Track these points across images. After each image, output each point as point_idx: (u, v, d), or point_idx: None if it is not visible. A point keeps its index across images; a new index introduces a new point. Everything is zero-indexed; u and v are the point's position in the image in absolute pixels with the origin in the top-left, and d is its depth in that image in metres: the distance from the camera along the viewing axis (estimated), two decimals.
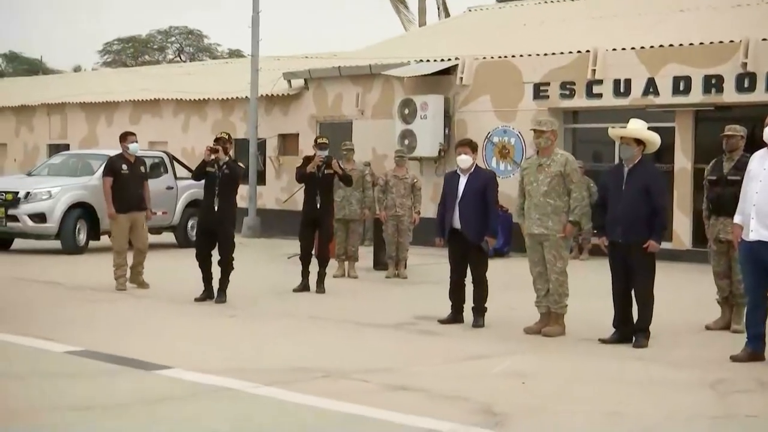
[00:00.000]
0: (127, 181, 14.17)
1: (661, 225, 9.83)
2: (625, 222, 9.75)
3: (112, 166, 14.32)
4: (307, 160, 14.51)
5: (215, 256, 12.80)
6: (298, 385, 7.60)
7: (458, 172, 11.28)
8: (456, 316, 11.17)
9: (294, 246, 18.96)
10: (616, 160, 20.21)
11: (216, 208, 12.76)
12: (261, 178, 26.44)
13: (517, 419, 6.68)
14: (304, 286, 14.05)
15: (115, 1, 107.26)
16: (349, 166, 16.54)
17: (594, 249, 18.49)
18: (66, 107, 32.45)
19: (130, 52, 72.78)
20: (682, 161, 19.42)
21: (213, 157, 12.73)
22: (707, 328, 10.98)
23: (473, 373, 8.37)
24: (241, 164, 13.44)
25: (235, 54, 69.56)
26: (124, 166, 14.22)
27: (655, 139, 10.12)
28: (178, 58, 70.97)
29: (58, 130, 32.66)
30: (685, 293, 13.64)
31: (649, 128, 10.36)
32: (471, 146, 11.38)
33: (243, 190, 24.92)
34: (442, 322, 11.12)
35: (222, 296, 12.71)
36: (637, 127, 10.11)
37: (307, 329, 10.81)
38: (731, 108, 19.13)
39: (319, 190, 14.26)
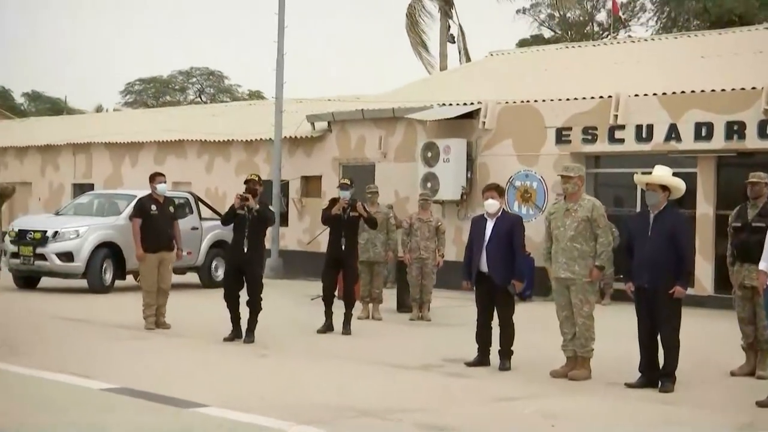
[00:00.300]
0: (156, 221, 14.41)
1: (687, 270, 9.98)
2: (652, 267, 9.91)
3: (141, 207, 14.59)
4: (333, 202, 14.72)
5: (242, 296, 12.98)
6: (333, 423, 7.78)
7: (485, 216, 11.47)
8: (482, 359, 11.32)
9: (317, 287, 19.17)
10: (638, 205, 20.63)
11: (245, 250, 12.96)
12: (284, 220, 26.68)
13: None
14: (328, 327, 14.20)
15: (136, 41, 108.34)
16: (373, 208, 16.75)
17: (616, 294, 18.67)
18: (91, 147, 32.81)
19: (151, 92, 73.49)
20: (704, 207, 19.55)
21: (243, 204, 12.96)
22: (732, 374, 11.08)
23: (504, 415, 8.55)
24: (271, 207, 13.61)
25: (255, 95, 70.20)
26: (153, 207, 14.47)
27: (680, 185, 10.30)
28: (199, 99, 71.68)
29: (83, 169, 33.01)
30: (708, 339, 13.75)
31: (678, 176, 10.53)
32: (498, 191, 11.59)
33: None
34: (469, 364, 11.27)
35: (250, 336, 12.88)
36: (662, 173, 10.29)
37: (337, 369, 10.99)
38: (753, 154, 19.28)
39: (344, 231, 14.43)
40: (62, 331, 13.54)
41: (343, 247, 14.39)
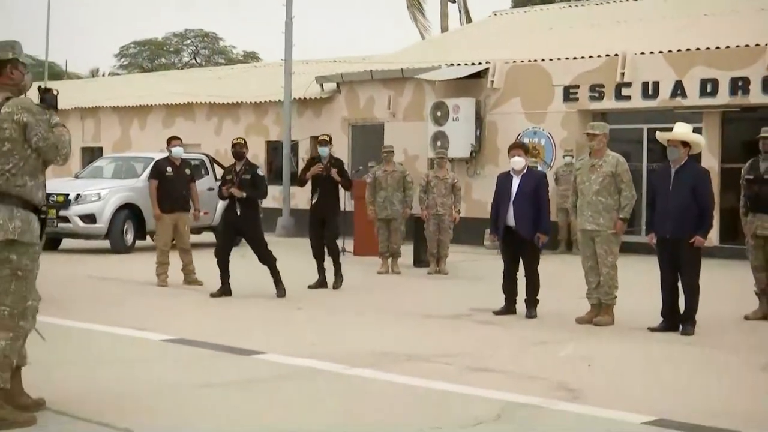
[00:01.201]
0: (172, 182, 14.90)
1: (708, 221, 10.55)
2: (674, 219, 10.47)
3: (157, 169, 15.11)
4: (311, 161, 14.89)
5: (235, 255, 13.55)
6: (386, 366, 8.35)
7: (511, 173, 12.01)
8: (509, 308, 11.91)
9: None
10: (644, 160, 21.21)
11: (238, 212, 13.36)
12: (295, 179, 27.11)
13: (592, 393, 7.42)
14: (321, 282, 14.44)
15: (128, 3, 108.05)
16: (389, 168, 17.36)
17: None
18: (99, 111, 33.20)
19: (146, 55, 73.43)
20: (710, 161, 20.08)
21: (229, 195, 13.45)
22: (746, 318, 11.69)
23: (542, 357, 9.14)
24: (260, 172, 13.84)
25: (250, 56, 70.40)
26: (169, 169, 14.97)
27: (700, 141, 10.89)
28: (194, 61, 71.82)
29: (92, 133, 33.41)
30: (720, 286, 14.33)
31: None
32: (524, 148, 12.14)
33: (276, 191, 25.81)
34: (497, 313, 11.85)
35: (281, 290, 13.33)
36: (683, 130, 10.82)
37: (373, 320, 11.57)
38: (757, 109, 19.86)
39: (325, 188, 14.60)
40: (100, 289, 14.07)
41: (324, 204, 14.57)
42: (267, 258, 13.47)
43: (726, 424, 6.52)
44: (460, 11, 38.10)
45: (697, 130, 20.24)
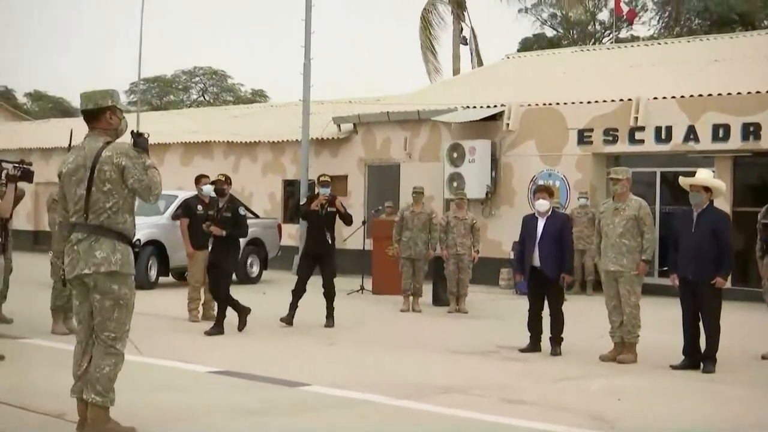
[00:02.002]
0: (199, 219, 15.36)
1: (729, 263, 11.04)
2: (696, 261, 10.97)
3: (188, 207, 15.59)
4: (311, 198, 15.22)
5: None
6: (425, 398, 8.82)
7: (536, 215, 12.52)
8: (534, 346, 12.38)
9: (344, 282, 20.44)
10: (657, 203, 21.70)
11: (216, 250, 13.81)
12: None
13: (625, 424, 7.89)
14: (289, 319, 14.49)
15: (137, 41, 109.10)
16: (417, 208, 17.87)
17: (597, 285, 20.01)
18: None
19: (155, 92, 74.18)
20: (722, 204, 20.26)
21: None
22: (763, 357, 12.15)
23: (572, 391, 9.60)
24: (241, 210, 14.19)
25: (258, 94, 71.22)
26: (199, 207, 15.44)
27: (721, 187, 11.40)
28: (203, 98, 72.58)
29: None
30: (735, 327, 14.75)
31: (694, 174, 11.56)
32: (548, 192, 12.66)
33: (293, 229, 26.34)
34: (523, 350, 12.31)
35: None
36: (705, 176, 11.35)
37: (404, 355, 12.01)
38: None
39: (323, 227, 14.88)
40: (136, 323, 14.42)
41: (322, 242, 14.82)
42: (229, 298, 13.71)
43: None
44: (471, 53, 38.78)
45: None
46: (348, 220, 15.29)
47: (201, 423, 7.57)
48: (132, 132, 7.06)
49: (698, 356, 11.11)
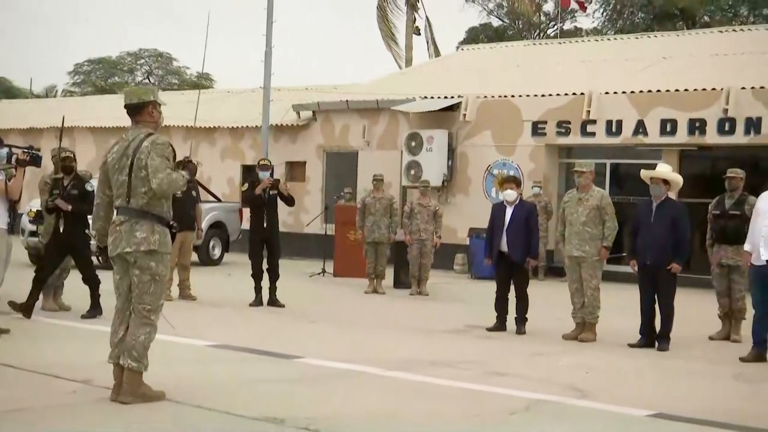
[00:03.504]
0: (180, 203, 15.95)
1: (685, 251, 12.03)
2: (654, 248, 11.94)
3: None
4: (252, 184, 15.53)
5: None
6: (416, 370, 9.66)
7: (505, 203, 13.42)
8: (501, 325, 13.28)
9: (306, 265, 21.25)
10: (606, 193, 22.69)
11: (61, 229, 13.29)
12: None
13: (599, 393, 8.79)
14: (258, 302, 15.15)
15: (81, 23, 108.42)
16: (378, 194, 18.72)
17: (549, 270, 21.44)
18: (74, 131, 34.11)
19: (99, 73, 74.02)
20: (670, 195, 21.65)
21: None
22: (710, 338, 13.17)
23: (544, 366, 10.51)
24: (89, 183, 13.49)
25: (203, 77, 71.31)
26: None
27: (679, 180, 12.40)
28: (148, 80, 72.59)
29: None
30: (684, 310, 15.80)
31: (644, 167, 12.49)
32: (516, 182, 13.57)
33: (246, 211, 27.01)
34: (490, 329, 13.22)
35: (93, 311, 13.15)
36: (664, 170, 12.33)
37: (384, 333, 12.86)
38: (712, 149, 21.52)
39: (266, 210, 15.36)
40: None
41: (266, 225, 15.27)
42: (92, 279, 13.35)
43: (716, 417, 7.93)
44: (428, 43, 39.66)
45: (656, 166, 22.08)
46: (290, 202, 15.84)
47: (216, 390, 8.30)
48: (185, 158, 7.84)
49: (654, 336, 12.07)
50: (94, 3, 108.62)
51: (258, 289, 15.29)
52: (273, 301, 15.19)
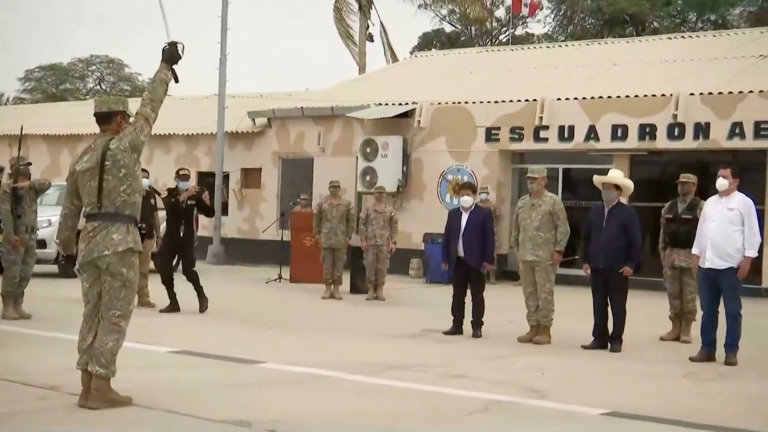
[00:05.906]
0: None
1: (637, 255, 12.34)
2: (607, 252, 12.24)
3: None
4: (170, 192, 15.60)
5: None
6: (376, 374, 9.86)
7: (461, 209, 13.67)
8: (457, 329, 13.51)
9: (259, 272, 21.38)
10: (559, 198, 23.01)
11: None
12: (224, 209, 28.53)
13: (554, 394, 9.04)
14: (173, 307, 15.22)
15: (33, 27, 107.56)
16: (335, 201, 18.92)
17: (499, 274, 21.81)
18: (28, 138, 33.87)
19: (50, 79, 73.57)
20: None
21: None
22: (661, 339, 13.51)
23: (500, 368, 10.74)
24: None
25: None
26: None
27: (630, 185, 12.72)
28: (99, 87, 72.27)
29: None
30: (634, 312, 16.14)
31: (596, 172, 12.79)
32: (472, 189, 13.84)
33: (206, 220, 27.08)
34: (447, 333, 13.45)
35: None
36: (616, 175, 12.66)
37: (342, 337, 13.03)
38: (662, 153, 21.95)
39: (183, 220, 15.45)
40: (71, 311, 15.16)
41: (182, 234, 15.38)
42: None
43: (667, 414, 8.22)
44: (384, 48, 39.95)
45: (608, 171, 22.43)
46: (209, 213, 16.15)
47: (182, 395, 8.46)
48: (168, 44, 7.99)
49: (606, 337, 12.37)
50: (45, 6, 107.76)
51: (172, 295, 15.28)
52: (202, 305, 15.22)
